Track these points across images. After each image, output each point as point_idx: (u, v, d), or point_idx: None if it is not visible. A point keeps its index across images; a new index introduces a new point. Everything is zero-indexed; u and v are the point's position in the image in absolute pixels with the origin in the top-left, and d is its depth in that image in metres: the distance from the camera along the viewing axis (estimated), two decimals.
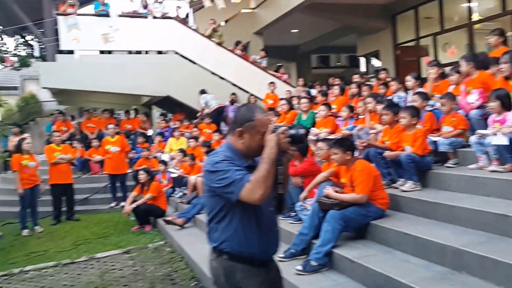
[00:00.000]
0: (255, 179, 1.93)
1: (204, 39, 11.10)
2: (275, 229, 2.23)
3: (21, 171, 7.17)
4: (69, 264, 5.58)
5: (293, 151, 2.08)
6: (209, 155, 2.15)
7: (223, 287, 2.13)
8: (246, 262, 2.09)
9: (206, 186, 2.12)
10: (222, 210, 2.08)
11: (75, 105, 15.88)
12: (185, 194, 7.77)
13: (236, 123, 2.12)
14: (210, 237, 2.17)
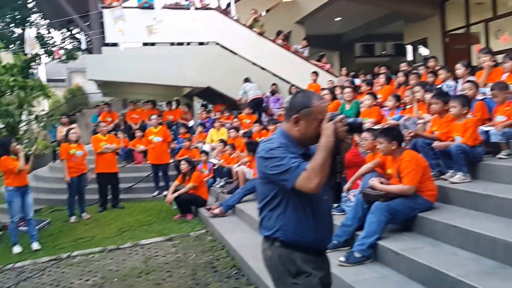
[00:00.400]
0: (311, 168, 1.91)
1: (245, 29, 11.13)
2: (329, 219, 2.22)
3: (68, 160, 7.50)
4: (114, 250, 5.82)
5: (350, 140, 2.05)
6: (263, 142, 2.13)
7: (281, 274, 2.11)
8: (302, 250, 2.09)
9: (260, 172, 2.11)
10: (276, 198, 2.07)
11: (119, 96, 16.39)
12: (226, 184, 7.90)
13: (292, 109, 2.09)
14: (263, 225, 2.15)
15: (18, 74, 7.56)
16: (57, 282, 4.82)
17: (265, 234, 2.14)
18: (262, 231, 2.17)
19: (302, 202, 2.06)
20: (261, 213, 2.16)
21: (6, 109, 7.05)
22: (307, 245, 2.09)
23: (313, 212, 2.09)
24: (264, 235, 2.15)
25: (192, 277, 4.55)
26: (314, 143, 2.04)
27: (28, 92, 7.65)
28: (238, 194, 6.53)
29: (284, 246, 2.08)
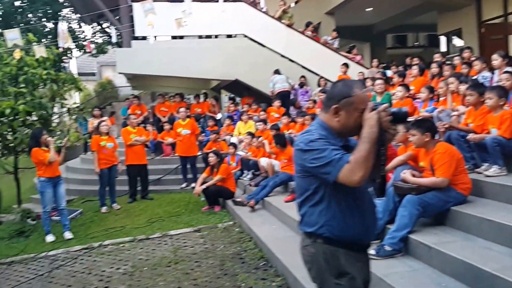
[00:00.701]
0: (355, 160, 1.83)
1: (273, 21, 11.10)
2: (373, 213, 2.15)
3: (99, 151, 7.70)
4: (144, 239, 5.98)
5: (394, 130, 1.96)
6: (301, 134, 2.07)
7: (323, 273, 2.05)
8: (347, 247, 2.02)
9: (298, 166, 2.04)
10: (318, 192, 2.01)
11: (148, 89, 16.69)
12: (254, 177, 7.95)
13: (331, 99, 2.01)
14: (304, 221, 2.09)
15: (50, 68, 7.79)
16: (89, 270, 4.98)
17: (307, 231, 2.07)
18: (303, 227, 2.11)
19: (345, 196, 1.99)
20: (301, 209, 2.10)
21: (39, 102, 7.28)
22: (352, 241, 2.03)
23: (358, 206, 2.03)
24: (306, 231, 2.09)
25: (220, 268, 4.62)
26: (355, 135, 1.98)
27: (61, 85, 7.88)
28: (267, 188, 6.57)
29: (328, 243, 2.02)
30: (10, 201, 9.76)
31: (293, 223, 5.16)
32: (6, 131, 7.41)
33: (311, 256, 2.08)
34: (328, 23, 13.37)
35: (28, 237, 6.79)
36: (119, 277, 4.66)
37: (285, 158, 6.89)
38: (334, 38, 11.83)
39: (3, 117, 7.25)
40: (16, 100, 7.06)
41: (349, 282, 2.01)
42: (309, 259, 2.11)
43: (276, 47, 10.97)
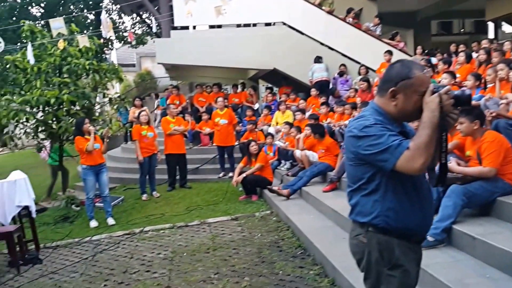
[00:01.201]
0: (415, 146, 1.74)
1: (313, 8, 10.97)
2: (431, 203, 2.07)
3: (140, 140, 7.96)
4: (183, 227, 6.17)
5: (456, 115, 1.86)
6: (354, 119, 2.00)
7: (375, 263, 1.98)
8: (402, 238, 1.95)
9: (351, 153, 1.98)
10: (373, 181, 1.93)
11: (186, 80, 16.97)
12: (291, 167, 7.98)
13: (388, 81, 1.91)
14: (356, 211, 2.02)
15: (93, 58, 8.09)
16: (131, 255, 5.20)
17: (360, 221, 2.00)
18: (355, 217, 2.03)
19: (403, 184, 1.91)
20: (353, 198, 2.03)
21: (83, 92, 7.59)
22: (409, 231, 1.95)
23: (416, 195, 1.94)
24: (359, 221, 2.01)
25: (258, 255, 4.71)
26: (413, 120, 1.91)
27: (102, 75, 8.16)
28: (305, 178, 6.59)
29: (382, 233, 1.95)
30: (56, 188, 10.25)
31: (332, 213, 5.18)
32: (51, 120, 7.77)
33: (363, 246, 2.01)
34: (370, 9, 13.07)
35: (72, 222, 7.15)
36: (159, 262, 4.83)
37: (323, 148, 6.87)
38: (376, 25, 11.57)
39: (48, 106, 7.62)
40: (60, 90, 7.38)
41: (402, 274, 1.95)
42: (359, 249, 2.04)
43: (315, 35, 10.86)
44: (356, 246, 2.05)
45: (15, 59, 7.60)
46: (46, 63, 7.55)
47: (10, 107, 7.23)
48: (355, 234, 2.05)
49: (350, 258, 2.17)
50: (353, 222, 2.08)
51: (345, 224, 4.72)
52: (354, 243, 2.06)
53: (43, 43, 7.78)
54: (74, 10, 16.43)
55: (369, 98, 8.33)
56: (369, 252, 1.98)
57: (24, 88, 7.67)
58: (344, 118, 7.88)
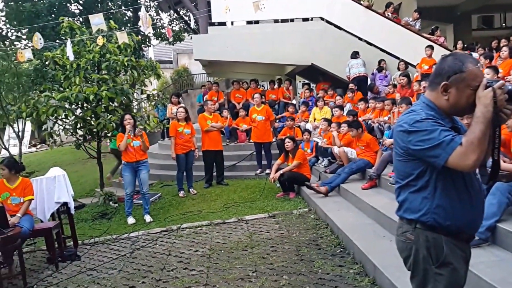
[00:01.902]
0: (468, 142, 1.73)
1: (352, 2, 10.84)
2: (482, 200, 2.04)
3: (177, 137, 8.07)
4: (220, 224, 6.23)
5: (510, 110, 1.81)
6: (405, 113, 1.99)
7: (423, 261, 1.97)
8: (451, 235, 1.93)
9: (400, 148, 1.96)
10: (422, 177, 1.92)
11: (223, 76, 17.11)
12: (329, 164, 7.93)
13: (440, 75, 1.89)
14: (404, 207, 2.01)
15: (131, 55, 8.27)
16: (169, 252, 5.28)
17: (408, 217, 1.99)
18: (403, 213, 2.02)
19: (454, 181, 1.89)
20: (401, 194, 2.02)
21: (121, 88, 7.76)
22: (459, 230, 1.93)
23: (467, 193, 1.92)
24: (407, 218, 2.00)
25: (296, 253, 4.71)
26: (465, 115, 1.89)
27: (141, 72, 8.34)
28: (343, 175, 6.54)
29: (431, 230, 1.94)
30: (93, 184, 10.58)
31: (371, 210, 5.12)
32: (89, 117, 7.99)
33: (410, 244, 2.00)
34: (409, 3, 12.80)
35: (110, 219, 7.33)
36: (197, 259, 4.90)
37: (362, 144, 6.79)
38: (416, 19, 11.33)
39: (87, 103, 7.83)
40: (99, 86, 7.57)
41: (450, 273, 1.93)
42: (406, 247, 2.03)
43: (354, 30, 10.73)
44: (403, 243, 2.04)
45: (54, 56, 7.85)
46: (85, 60, 7.75)
47: (49, 104, 7.43)
48: (402, 231, 2.04)
49: (391, 257, 2.16)
50: (400, 218, 2.07)
51: (385, 222, 4.67)
52: (401, 240, 2.05)
53: (82, 40, 8.00)
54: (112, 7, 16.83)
55: (408, 94, 8.17)
56: (417, 249, 1.97)
57: (63, 85, 7.88)
58: (384, 114, 7.76)
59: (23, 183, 5.25)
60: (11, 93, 12.16)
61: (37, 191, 5.51)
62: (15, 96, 11.97)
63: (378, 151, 6.63)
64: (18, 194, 5.18)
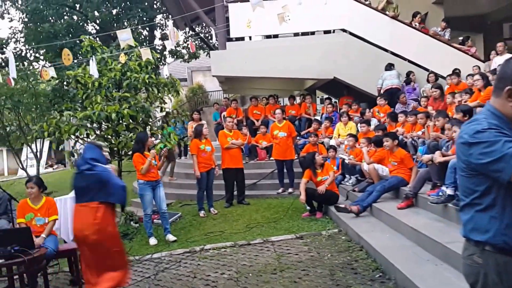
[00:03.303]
0: None
1: (376, 13, 10.72)
2: None
3: (198, 155, 7.96)
4: (245, 245, 6.05)
5: None
6: (466, 123, 1.87)
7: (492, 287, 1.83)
8: None
9: (462, 163, 1.85)
10: (488, 194, 1.78)
11: (239, 93, 17.10)
12: (357, 182, 7.71)
13: (503, 79, 1.79)
14: (470, 228, 1.87)
15: (151, 72, 8.26)
16: (194, 274, 5.12)
17: (475, 239, 1.85)
18: (469, 234, 1.89)
19: None
20: (466, 213, 1.89)
21: (142, 106, 7.73)
22: None
23: None
24: (474, 239, 1.87)
25: (331, 278, 4.50)
26: None
27: (161, 89, 8.31)
28: (375, 193, 6.31)
29: (502, 252, 1.79)
30: None
31: (410, 231, 4.88)
32: (110, 135, 7.97)
33: (478, 268, 1.86)
34: (436, 13, 12.60)
35: (131, 239, 7.21)
36: (224, 283, 4.73)
37: (395, 160, 6.57)
38: (444, 29, 11.15)
39: (108, 121, 7.83)
40: (120, 104, 7.57)
41: None
42: (474, 271, 1.88)
43: (380, 41, 10.57)
44: (469, 267, 1.90)
45: (76, 74, 7.89)
46: (106, 78, 7.79)
47: (71, 123, 7.48)
48: (469, 254, 1.90)
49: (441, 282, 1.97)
50: (466, 240, 1.92)
51: (428, 244, 4.43)
52: (467, 264, 1.91)
53: (103, 58, 8.04)
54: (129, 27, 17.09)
55: (441, 107, 7.94)
56: (485, 274, 1.82)
57: (84, 103, 7.92)
58: (417, 128, 7.53)
59: (47, 203, 5.23)
60: (29, 113, 12.29)
61: (61, 211, 5.50)
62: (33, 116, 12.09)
63: (413, 168, 6.40)
64: (42, 214, 5.15)
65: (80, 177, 4.12)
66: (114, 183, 4.10)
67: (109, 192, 4.05)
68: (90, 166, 4.08)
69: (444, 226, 4.73)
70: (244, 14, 10.53)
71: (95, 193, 4.03)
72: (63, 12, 17.27)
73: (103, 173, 4.09)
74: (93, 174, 4.04)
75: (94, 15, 17.48)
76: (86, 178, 4.06)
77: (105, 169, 4.20)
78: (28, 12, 16.61)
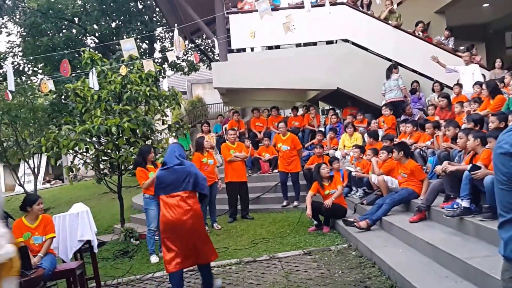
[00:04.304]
0: None
1: (380, 23, 10.63)
2: None
3: (201, 169, 7.77)
4: (251, 262, 5.83)
5: None
6: (505, 132, 1.75)
7: None
8: None
9: (502, 175, 1.73)
10: None
11: (240, 105, 16.97)
12: (365, 194, 7.53)
13: None
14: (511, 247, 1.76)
15: (153, 85, 8.14)
16: None
17: None
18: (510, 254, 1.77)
19: None
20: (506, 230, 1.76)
21: (143, 119, 7.59)
22: None
23: None
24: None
25: None
26: None
27: (162, 101, 8.17)
28: (385, 206, 6.12)
29: None
30: (111, 220, 10.31)
31: (426, 246, 4.69)
32: (111, 150, 7.81)
33: None
34: (438, 22, 12.55)
35: (132, 257, 7.04)
36: None
37: (405, 172, 6.38)
38: (448, 38, 11.06)
39: (108, 135, 7.68)
40: (120, 118, 7.42)
41: None
42: None
43: (383, 51, 10.47)
44: None
45: (76, 87, 7.76)
46: (106, 91, 7.65)
47: (70, 137, 7.33)
48: (510, 276, 1.74)
49: None
50: (506, 260, 1.77)
51: (446, 260, 4.24)
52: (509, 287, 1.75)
53: (103, 71, 7.92)
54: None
55: (449, 116, 7.79)
56: None
57: (84, 117, 7.78)
58: (424, 138, 7.38)
59: (44, 221, 5.04)
60: (27, 128, 12.15)
61: (60, 229, 5.34)
62: (31, 131, 11.94)
63: (424, 180, 6.23)
64: (40, 233, 4.98)
65: (168, 172, 4.72)
66: (200, 175, 4.82)
67: (197, 182, 4.71)
68: (180, 162, 4.77)
69: (462, 240, 4.53)
70: (245, 24, 10.45)
71: (186, 184, 4.65)
72: (62, 26, 17.25)
73: (191, 167, 4.85)
74: (184, 168, 4.74)
75: (93, 28, 17.44)
76: (177, 172, 4.70)
77: (192, 164, 5.07)
78: (26, 26, 16.57)
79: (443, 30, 11.65)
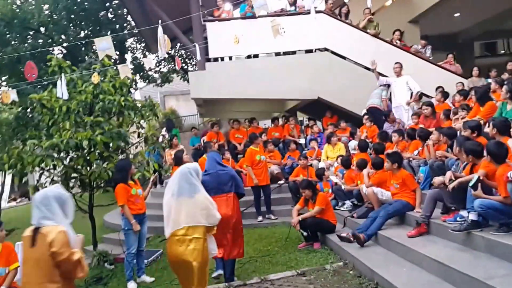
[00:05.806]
0: None
1: (358, 31, 10.41)
2: None
3: None
4: (240, 286, 5.32)
5: None
6: None
7: None
8: None
9: None
10: None
11: (216, 116, 16.47)
12: (354, 207, 7.15)
13: None
14: None
15: (127, 94, 7.55)
16: None
17: None
18: None
19: None
20: None
21: (118, 131, 6.97)
22: None
23: None
24: None
25: None
26: None
27: (137, 112, 7.58)
28: (379, 219, 5.73)
29: None
30: None
31: (433, 264, 4.29)
32: (81, 165, 7.13)
33: None
34: (412, 31, 12.47)
35: (106, 284, 6.44)
36: None
37: (397, 182, 6.02)
38: (425, 46, 10.97)
39: (78, 150, 7.01)
40: (92, 130, 6.78)
41: None
42: None
43: (363, 60, 10.21)
44: None
45: (41, 98, 7.06)
46: (76, 102, 6.99)
47: (35, 153, 6.63)
48: None
49: None
50: None
51: (458, 279, 3.85)
52: None
53: (72, 80, 7.26)
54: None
55: (434, 125, 7.52)
56: None
57: (51, 131, 7.08)
58: (411, 148, 7.08)
59: (5, 250, 4.47)
60: None
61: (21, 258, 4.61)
62: None
63: (417, 190, 5.88)
64: (2, 263, 4.41)
65: (210, 177, 5.20)
66: (238, 178, 5.52)
67: (237, 185, 5.41)
68: (222, 167, 5.41)
69: (472, 257, 4.14)
70: (223, 33, 10.01)
71: (230, 186, 5.31)
72: (27, 36, 16.37)
73: (232, 171, 5.54)
74: (226, 172, 5.38)
75: (61, 38, 16.63)
76: (219, 176, 5.29)
77: (231, 168, 5.82)
78: None
79: (417, 39, 11.59)
